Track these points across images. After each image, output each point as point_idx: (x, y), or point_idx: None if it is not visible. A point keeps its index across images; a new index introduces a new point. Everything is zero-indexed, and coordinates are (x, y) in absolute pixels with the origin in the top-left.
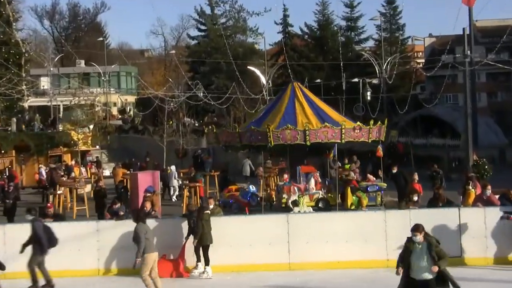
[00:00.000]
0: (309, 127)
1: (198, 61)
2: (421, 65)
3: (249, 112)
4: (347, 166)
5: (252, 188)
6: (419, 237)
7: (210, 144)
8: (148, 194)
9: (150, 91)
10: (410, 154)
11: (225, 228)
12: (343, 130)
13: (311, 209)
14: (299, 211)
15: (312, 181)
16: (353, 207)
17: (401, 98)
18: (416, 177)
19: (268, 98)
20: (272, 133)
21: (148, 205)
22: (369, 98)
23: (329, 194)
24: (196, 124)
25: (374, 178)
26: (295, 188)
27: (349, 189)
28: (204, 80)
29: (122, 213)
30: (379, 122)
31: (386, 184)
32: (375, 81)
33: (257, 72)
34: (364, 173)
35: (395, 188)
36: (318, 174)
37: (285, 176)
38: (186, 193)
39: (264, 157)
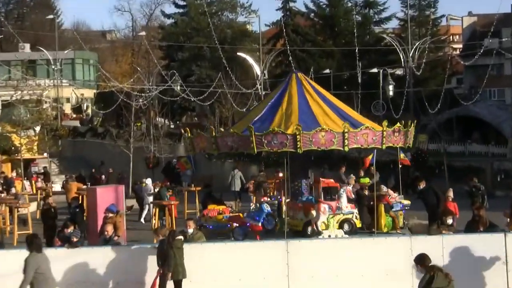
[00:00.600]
0: (348, 128)
1: (174, 45)
2: (458, 52)
3: (238, 111)
4: (364, 181)
5: (267, 207)
6: (419, 270)
7: (190, 152)
8: (110, 215)
9: (113, 83)
10: (443, 165)
11: (207, 258)
12: (385, 133)
13: (342, 232)
14: (329, 235)
15: (345, 198)
16: (386, 230)
17: (432, 94)
18: (450, 194)
19: (264, 93)
20: (299, 136)
21: (109, 229)
22: (391, 93)
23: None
24: (172, 126)
25: (396, 194)
26: (326, 207)
27: (382, 208)
28: (182, 70)
29: (76, 239)
30: (410, 124)
31: (409, 201)
32: (399, 72)
33: (250, 60)
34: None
35: (423, 208)
36: (351, 188)
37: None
38: (156, 213)
39: (252, 169)
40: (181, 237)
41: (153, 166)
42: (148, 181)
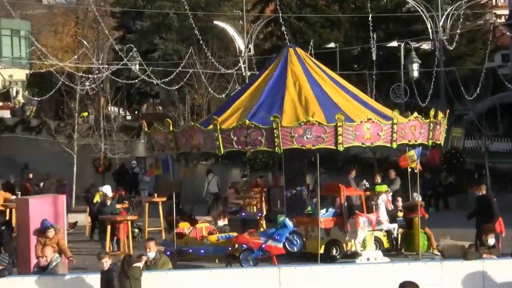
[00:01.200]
0: (398, 118)
1: (131, 12)
2: (502, 20)
3: (216, 98)
4: (381, 188)
5: (289, 223)
6: None
7: (150, 151)
8: (50, 234)
9: (52, 61)
10: (484, 168)
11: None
12: (431, 126)
13: (381, 254)
14: (367, 259)
15: (384, 210)
16: (423, 250)
17: (469, 75)
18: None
19: (249, 73)
20: (340, 129)
21: (48, 254)
22: (415, 74)
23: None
24: (129, 117)
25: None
26: (365, 220)
27: (416, 222)
28: (141, 43)
29: (1, 266)
30: (441, 114)
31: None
32: (426, 46)
33: (230, 30)
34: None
35: (456, 225)
36: (390, 196)
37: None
38: (108, 232)
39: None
40: (139, 264)
41: (104, 170)
42: (106, 189)
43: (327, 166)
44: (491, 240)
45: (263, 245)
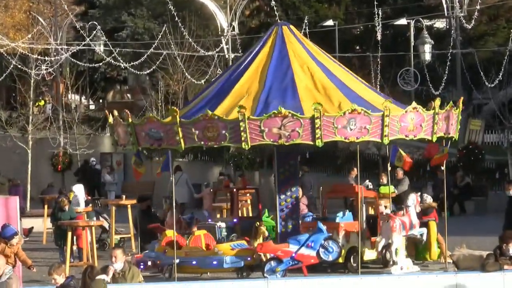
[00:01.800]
0: (436, 108)
1: None
2: None
3: (194, 84)
4: (386, 190)
5: (322, 227)
6: None
7: (114, 146)
8: (15, 239)
9: (1, 41)
10: (506, 166)
11: None
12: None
13: (411, 263)
14: (401, 268)
15: (414, 211)
16: (434, 259)
17: (490, 58)
18: None
19: (233, 55)
20: (387, 119)
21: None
22: (428, 57)
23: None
24: (92, 107)
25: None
26: (400, 224)
27: (433, 227)
28: (106, 20)
29: None
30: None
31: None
32: (440, 24)
33: (211, 5)
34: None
35: (473, 232)
36: (419, 197)
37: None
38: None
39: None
40: (103, 277)
41: (64, 168)
42: (77, 188)
43: (325, 164)
44: None
45: (294, 254)
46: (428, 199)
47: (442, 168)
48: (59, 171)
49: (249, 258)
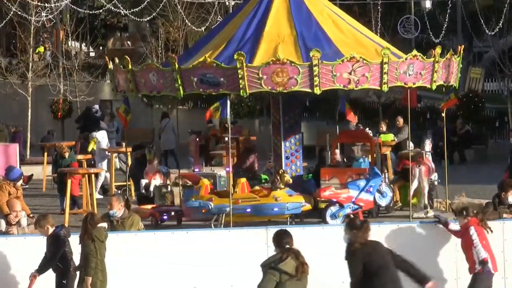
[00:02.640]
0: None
1: None
2: None
3: (195, 32)
4: (387, 138)
5: (378, 171)
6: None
7: (114, 92)
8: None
9: None
10: (507, 114)
11: (146, 254)
12: (436, 66)
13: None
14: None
15: (430, 155)
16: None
17: (490, 5)
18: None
19: (233, 3)
20: (437, 65)
21: (11, 207)
22: (428, 4)
23: None
24: (92, 54)
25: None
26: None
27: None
28: None
29: None
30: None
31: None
32: None
33: None
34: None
35: (474, 181)
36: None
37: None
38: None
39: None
40: (104, 224)
41: (64, 115)
42: (100, 135)
43: (325, 112)
44: (511, 197)
45: (354, 199)
46: (427, 144)
47: (443, 115)
48: (59, 118)
49: (306, 204)
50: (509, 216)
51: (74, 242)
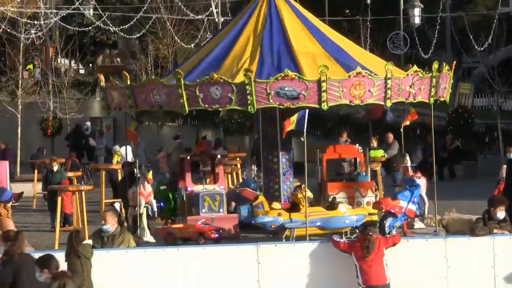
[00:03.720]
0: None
1: None
2: None
3: (184, 48)
4: (377, 154)
5: (417, 182)
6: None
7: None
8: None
9: None
10: (496, 130)
11: (139, 271)
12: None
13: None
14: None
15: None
16: None
17: (479, 22)
18: (504, 171)
19: (222, 19)
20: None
21: (3, 227)
22: (417, 20)
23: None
24: (82, 71)
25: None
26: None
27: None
28: None
29: None
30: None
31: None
32: None
33: None
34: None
35: (463, 196)
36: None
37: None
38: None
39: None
40: (90, 241)
41: (54, 132)
42: (124, 150)
43: (315, 128)
44: (501, 213)
45: (404, 210)
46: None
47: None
48: (49, 135)
49: (366, 216)
50: (499, 232)
51: (61, 259)
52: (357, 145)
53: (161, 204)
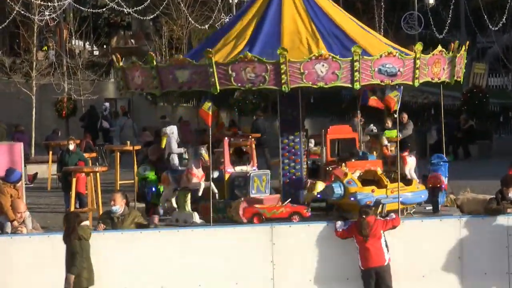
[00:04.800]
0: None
1: None
2: None
3: (198, 29)
4: (391, 134)
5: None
6: None
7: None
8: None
9: None
10: (511, 110)
11: (153, 253)
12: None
13: None
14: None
15: None
16: None
17: (493, 1)
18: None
19: (236, 0)
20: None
21: (16, 208)
22: (431, 0)
23: None
24: (96, 53)
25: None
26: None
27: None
28: None
29: None
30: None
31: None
32: None
33: None
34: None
35: (479, 176)
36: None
37: None
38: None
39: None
40: (87, 222)
41: (68, 114)
42: (170, 129)
43: (329, 109)
44: None
45: (443, 185)
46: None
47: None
48: (64, 117)
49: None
50: None
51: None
52: (371, 125)
53: (153, 189)
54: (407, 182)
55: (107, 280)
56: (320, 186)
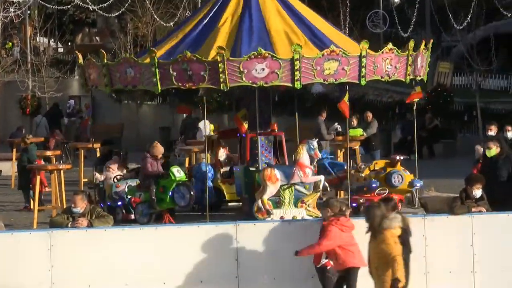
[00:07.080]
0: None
1: None
2: None
3: (163, 27)
4: (356, 132)
5: None
6: None
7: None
8: None
9: None
10: (475, 108)
11: (116, 254)
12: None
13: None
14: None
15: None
16: None
17: (458, 0)
18: (480, 151)
19: None
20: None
21: None
22: None
23: None
24: (61, 50)
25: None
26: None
27: None
28: None
29: None
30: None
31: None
32: None
33: None
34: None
35: (442, 175)
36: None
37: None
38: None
39: None
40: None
41: (32, 111)
42: (202, 124)
43: (294, 107)
44: (478, 192)
45: None
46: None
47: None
48: (28, 114)
49: None
50: (476, 210)
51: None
52: (336, 124)
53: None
54: None
55: (68, 277)
56: None
